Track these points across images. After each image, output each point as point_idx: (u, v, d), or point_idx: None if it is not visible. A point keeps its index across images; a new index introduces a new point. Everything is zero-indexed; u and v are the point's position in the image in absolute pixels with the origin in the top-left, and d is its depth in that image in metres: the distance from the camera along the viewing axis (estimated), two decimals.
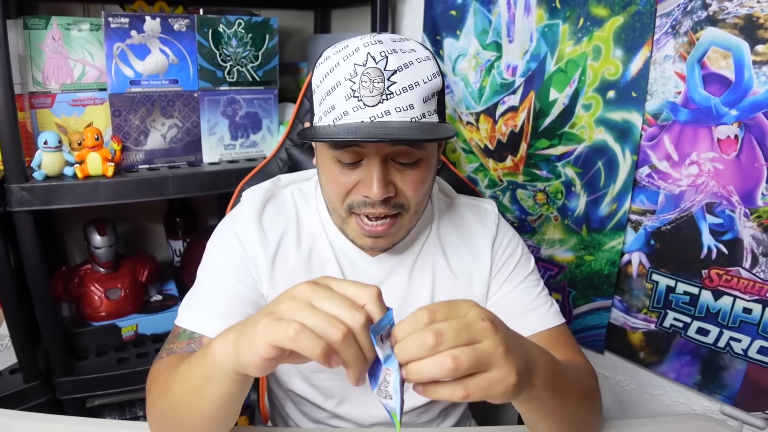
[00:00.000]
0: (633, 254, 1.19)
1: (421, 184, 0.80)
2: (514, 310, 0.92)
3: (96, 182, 1.20)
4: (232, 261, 0.87)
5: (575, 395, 0.75)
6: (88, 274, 1.43)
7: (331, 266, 0.90)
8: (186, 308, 0.85)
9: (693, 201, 1.07)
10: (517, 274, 0.95)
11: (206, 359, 0.64)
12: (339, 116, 0.74)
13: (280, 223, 0.90)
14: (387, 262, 0.91)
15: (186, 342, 0.81)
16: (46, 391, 1.30)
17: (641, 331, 1.21)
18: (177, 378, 0.69)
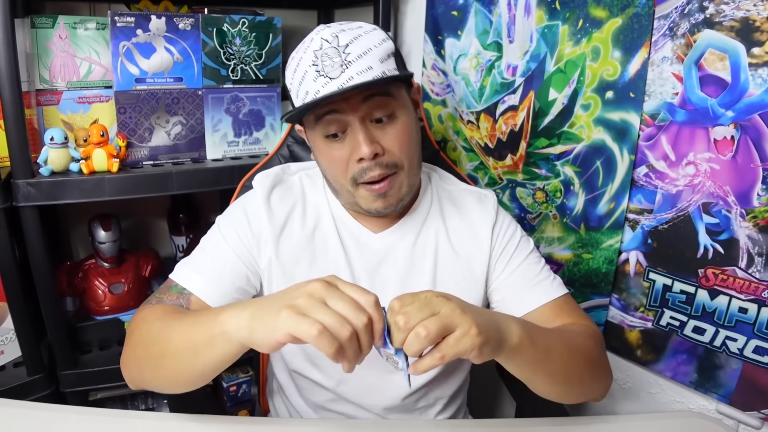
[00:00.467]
0: (630, 253, 1.20)
1: (402, 137, 0.89)
2: (520, 286, 0.99)
3: (101, 178, 1.22)
4: (236, 234, 0.94)
5: (563, 352, 0.83)
6: (92, 268, 1.45)
7: (333, 244, 0.97)
8: (183, 266, 0.94)
9: (690, 201, 1.08)
10: (518, 254, 1.01)
11: (214, 326, 0.71)
12: (313, 96, 0.84)
13: (288, 203, 0.98)
14: (389, 237, 0.98)
15: (176, 296, 0.90)
16: (50, 384, 1.31)
17: (638, 329, 1.22)
18: (176, 332, 0.77)
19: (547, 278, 1.00)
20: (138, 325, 0.86)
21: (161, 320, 0.82)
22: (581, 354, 0.87)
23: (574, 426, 0.92)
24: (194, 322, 0.76)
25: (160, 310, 0.85)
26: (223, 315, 0.71)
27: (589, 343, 0.90)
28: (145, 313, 0.87)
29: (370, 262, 0.97)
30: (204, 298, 0.90)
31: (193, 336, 0.75)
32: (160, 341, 0.79)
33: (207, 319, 0.74)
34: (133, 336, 0.86)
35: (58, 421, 0.84)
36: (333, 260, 0.96)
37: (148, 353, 0.81)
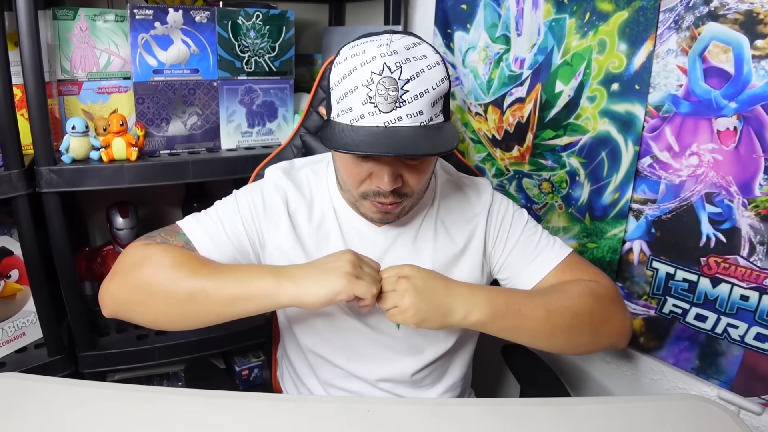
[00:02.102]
0: (634, 242, 1.22)
1: (424, 176, 0.91)
2: (524, 259, 1.03)
3: (120, 166, 1.25)
4: (249, 212, 0.97)
5: (541, 316, 0.90)
6: (110, 254, 1.49)
7: (335, 239, 1.00)
8: (193, 219, 0.97)
9: (693, 191, 1.10)
10: (514, 230, 1.04)
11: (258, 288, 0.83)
12: (356, 118, 0.82)
13: (297, 197, 1.00)
14: (391, 232, 1.01)
15: (182, 244, 0.93)
16: (69, 365, 1.35)
17: (641, 317, 1.24)
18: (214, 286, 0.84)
19: (547, 245, 1.03)
20: (144, 260, 0.88)
21: (184, 266, 0.85)
22: (568, 314, 0.91)
23: (576, 406, 0.94)
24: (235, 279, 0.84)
25: (176, 250, 0.89)
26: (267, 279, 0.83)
27: (581, 300, 0.94)
28: (155, 249, 0.89)
29: (374, 254, 0.98)
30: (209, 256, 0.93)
31: (234, 291, 0.83)
32: (186, 287, 0.84)
33: (248, 279, 0.84)
34: (138, 270, 0.87)
35: (80, 395, 0.87)
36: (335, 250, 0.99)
37: (165, 293, 0.85)
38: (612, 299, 0.98)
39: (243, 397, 0.90)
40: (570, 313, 0.91)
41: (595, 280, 0.99)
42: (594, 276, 1.00)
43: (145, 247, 0.90)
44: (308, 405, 0.90)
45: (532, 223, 1.06)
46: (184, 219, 0.98)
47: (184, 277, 0.84)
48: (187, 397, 0.89)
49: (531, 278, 1.01)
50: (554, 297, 0.93)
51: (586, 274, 1.00)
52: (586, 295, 0.94)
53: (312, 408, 0.89)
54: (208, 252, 0.93)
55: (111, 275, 0.91)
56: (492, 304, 0.88)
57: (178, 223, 0.97)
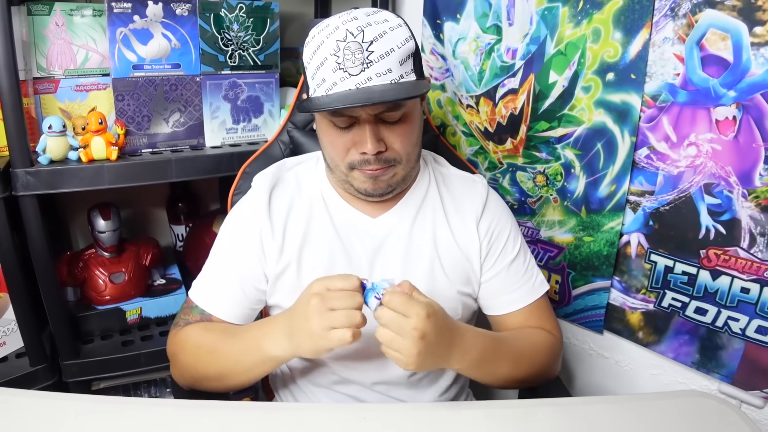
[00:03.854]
0: (632, 235, 1.20)
1: (407, 137, 0.91)
2: (506, 288, 1.05)
3: (100, 166, 1.21)
4: (242, 244, 0.98)
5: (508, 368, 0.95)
6: (92, 258, 1.44)
7: (327, 235, 0.99)
8: (199, 286, 1.01)
9: (691, 182, 1.08)
10: (507, 252, 1.05)
11: (260, 353, 0.87)
12: (330, 87, 0.85)
13: (286, 199, 1.00)
14: (388, 221, 1.00)
15: (199, 317, 0.99)
16: (53, 375, 1.31)
17: (640, 311, 1.22)
18: (226, 357, 0.91)
19: (529, 279, 1.06)
20: (182, 347, 0.97)
21: (206, 345, 0.94)
22: (527, 367, 0.98)
23: (575, 407, 0.92)
24: (242, 350, 0.90)
25: (194, 333, 0.96)
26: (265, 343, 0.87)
27: (540, 357, 1.01)
28: (181, 339, 0.97)
29: (370, 247, 0.99)
30: (225, 318, 0.99)
31: (244, 360, 0.90)
32: (214, 364, 0.92)
33: (252, 345, 0.89)
34: (177, 359, 0.97)
35: (62, 409, 0.84)
36: (329, 250, 0.98)
37: (200, 371, 0.95)
38: (559, 354, 1.07)
39: (235, 407, 0.87)
40: (527, 367, 0.98)
41: (553, 332, 1.06)
42: (552, 327, 1.06)
43: (175, 339, 0.99)
44: (303, 413, 0.87)
45: (524, 248, 1.08)
46: (192, 287, 1.02)
47: (207, 361, 0.93)
48: (176, 409, 0.85)
49: (503, 308, 1.06)
50: (525, 353, 0.98)
51: (547, 322, 1.06)
52: (547, 351, 1.02)
53: (307, 415, 0.86)
54: (225, 314, 0.99)
55: (171, 363, 1.02)
56: (483, 354, 0.90)
57: (189, 295, 1.02)
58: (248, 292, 0.99)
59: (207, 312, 0.98)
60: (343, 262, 0.98)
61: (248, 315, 1.01)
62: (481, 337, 0.91)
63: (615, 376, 1.33)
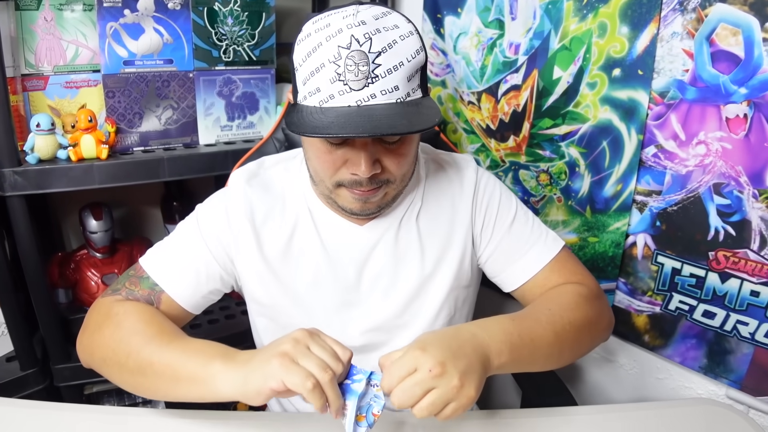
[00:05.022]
0: (638, 236, 1.17)
1: (404, 159, 0.82)
2: (514, 253, 0.96)
3: (90, 165, 1.17)
4: (214, 233, 0.90)
5: (551, 340, 0.81)
6: (84, 259, 1.41)
7: (313, 248, 0.92)
8: (156, 256, 0.91)
9: (700, 181, 1.04)
10: (503, 217, 0.96)
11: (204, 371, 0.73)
12: (325, 99, 0.75)
13: (267, 201, 0.93)
14: (375, 228, 0.93)
15: (147, 291, 0.88)
16: (44, 379, 1.28)
17: (646, 314, 1.19)
18: (157, 359, 0.77)
19: (538, 239, 0.96)
20: (107, 321, 0.84)
21: (140, 334, 0.80)
22: (572, 329, 0.85)
23: (581, 416, 0.89)
24: (180, 357, 0.76)
25: (134, 313, 0.84)
26: (214, 365, 0.73)
27: (579, 312, 0.87)
28: (121, 310, 0.85)
29: (358, 258, 0.92)
30: (177, 300, 0.89)
31: (178, 370, 0.75)
32: (136, 358, 0.78)
33: (195, 359, 0.75)
34: (100, 331, 0.84)
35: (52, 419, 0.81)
36: (314, 263, 0.92)
37: (117, 359, 0.80)
38: (600, 300, 0.94)
39: (229, 417, 0.83)
40: (573, 328, 0.85)
41: (583, 282, 0.94)
42: (581, 277, 0.95)
43: (108, 307, 0.86)
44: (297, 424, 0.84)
45: (522, 209, 0.99)
46: (146, 255, 0.92)
47: (135, 350, 0.79)
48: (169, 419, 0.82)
49: (519, 276, 0.95)
50: (557, 314, 0.85)
51: (574, 274, 0.95)
52: (583, 304, 0.89)
53: (302, 427, 0.82)
54: (178, 294, 0.89)
55: (81, 330, 0.88)
56: (509, 340, 0.77)
57: (140, 263, 0.91)
58: (210, 281, 0.90)
59: (159, 287, 0.87)
60: (329, 275, 0.92)
61: (200, 305, 0.92)
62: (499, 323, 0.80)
63: (620, 381, 1.30)
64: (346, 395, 0.69)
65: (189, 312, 0.91)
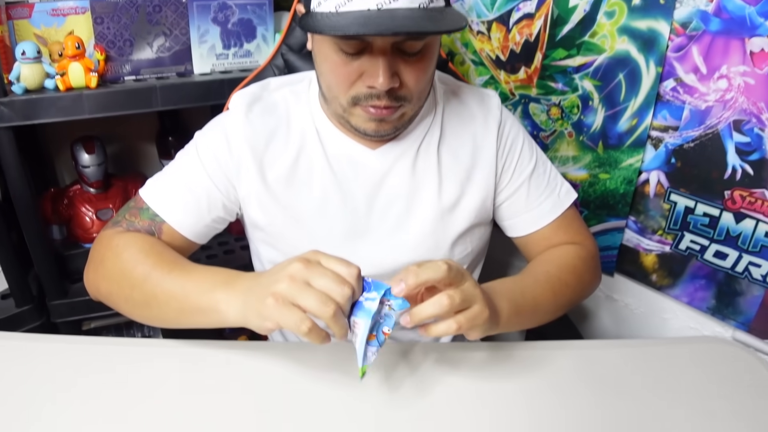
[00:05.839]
0: (651, 173, 1.13)
1: (424, 74, 0.78)
2: (528, 203, 0.95)
3: (79, 94, 1.11)
4: (214, 159, 0.86)
5: (550, 302, 0.85)
6: (78, 194, 1.37)
7: (320, 170, 0.88)
8: (156, 186, 0.88)
9: (720, 117, 1.00)
10: (523, 163, 0.94)
11: (208, 301, 0.71)
12: (342, 2, 0.69)
13: (270, 124, 0.88)
14: (389, 153, 0.88)
15: (148, 222, 0.85)
16: (40, 316, 1.26)
17: (655, 253, 1.16)
18: (161, 289, 0.75)
19: (552, 192, 0.95)
20: (108, 254, 0.82)
21: (142, 264, 0.78)
22: (569, 291, 0.89)
23: (585, 350, 0.87)
24: (183, 287, 0.74)
25: (134, 244, 0.81)
26: (216, 293, 0.71)
27: (576, 274, 0.91)
28: (122, 242, 0.82)
29: (369, 184, 0.88)
30: (178, 229, 0.86)
31: (182, 301, 0.74)
32: (141, 290, 0.77)
33: (197, 288, 0.73)
34: (103, 264, 0.83)
35: (47, 351, 0.79)
36: (321, 187, 0.87)
37: (123, 292, 0.80)
38: (596, 262, 0.97)
39: (229, 347, 0.81)
40: (570, 290, 0.89)
41: (584, 243, 0.96)
42: (583, 238, 0.97)
43: (109, 240, 0.84)
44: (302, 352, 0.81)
45: (542, 159, 0.97)
46: (146, 185, 0.88)
47: (139, 282, 0.77)
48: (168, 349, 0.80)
49: (528, 226, 0.96)
50: (555, 276, 0.88)
51: (578, 234, 0.97)
52: (581, 266, 0.92)
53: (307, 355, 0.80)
54: (179, 224, 0.86)
55: (87, 265, 0.87)
56: (514, 298, 0.79)
57: (140, 194, 0.88)
58: (213, 209, 0.87)
59: (159, 218, 0.85)
60: (336, 201, 0.87)
61: (204, 234, 0.89)
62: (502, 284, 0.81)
63: (624, 320, 1.29)
64: (358, 313, 0.64)
65: (193, 242, 0.88)
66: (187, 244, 0.88)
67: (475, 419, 0.71)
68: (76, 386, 0.72)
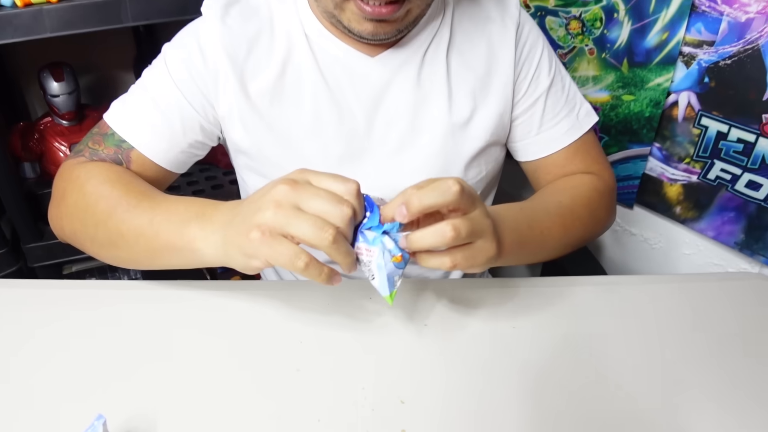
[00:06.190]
0: (681, 94, 1.02)
1: None
2: (544, 123, 0.85)
3: (39, 9, 0.98)
4: (187, 73, 0.75)
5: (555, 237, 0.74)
6: (49, 128, 1.25)
7: (310, 80, 0.76)
8: (122, 108, 0.77)
9: (762, 31, 0.88)
10: (541, 74, 0.83)
11: (181, 238, 0.62)
12: None
13: (250, 28, 0.76)
14: (391, 60, 0.77)
15: (113, 149, 0.75)
16: (16, 261, 1.18)
17: (680, 183, 1.07)
18: (128, 226, 0.66)
19: (571, 111, 0.85)
20: (69, 188, 0.73)
21: (106, 198, 0.68)
22: (581, 226, 0.79)
23: (609, 286, 0.80)
24: (151, 222, 0.64)
25: (98, 175, 0.71)
26: (190, 228, 0.61)
27: (590, 209, 0.81)
28: (83, 173, 0.72)
29: (368, 97, 0.77)
30: (149, 156, 0.75)
31: (152, 239, 0.64)
32: (105, 227, 0.68)
33: (168, 223, 0.63)
34: (64, 200, 0.73)
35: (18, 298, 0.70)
36: (312, 102, 0.76)
37: (87, 231, 0.70)
38: (612, 197, 0.88)
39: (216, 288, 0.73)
40: (582, 225, 0.79)
41: (601, 174, 0.86)
42: (600, 168, 0.87)
43: (70, 172, 0.74)
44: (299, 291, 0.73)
45: (561, 72, 0.86)
46: (111, 108, 0.77)
47: (103, 219, 0.67)
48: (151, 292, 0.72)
49: (540, 149, 0.86)
50: (568, 209, 0.78)
51: (595, 162, 0.87)
52: (596, 200, 0.82)
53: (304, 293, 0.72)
54: (150, 149, 0.75)
55: (50, 203, 0.78)
56: (518, 229, 0.68)
57: (104, 118, 0.77)
58: (188, 131, 0.76)
59: (126, 143, 0.74)
60: (331, 117, 0.76)
61: (181, 161, 0.78)
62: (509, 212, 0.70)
63: (642, 255, 1.21)
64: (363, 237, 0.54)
65: (168, 170, 0.78)
66: (161, 174, 0.78)
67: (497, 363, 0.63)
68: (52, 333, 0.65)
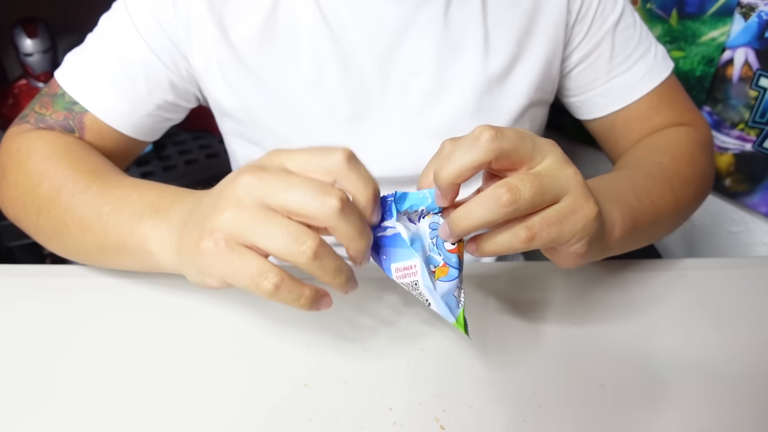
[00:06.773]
0: (737, 50, 0.90)
1: None
2: (616, 66, 0.68)
3: None
4: (152, 16, 0.60)
5: (668, 207, 0.58)
6: (24, 91, 1.14)
7: (308, 28, 0.61)
8: (75, 63, 0.63)
9: None
10: (605, 8, 0.67)
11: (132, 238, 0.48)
12: None
13: None
14: (407, 2, 0.61)
15: (63, 113, 0.61)
16: None
17: (732, 152, 0.95)
18: (72, 217, 0.52)
19: (647, 52, 0.69)
20: (9, 163, 0.59)
21: (50, 179, 0.54)
22: (691, 190, 0.62)
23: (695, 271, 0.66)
24: (99, 213, 0.50)
25: (41, 148, 0.58)
26: (143, 225, 0.47)
27: (696, 168, 0.64)
28: (19, 145, 0.59)
29: (381, 44, 0.62)
30: (107, 120, 0.62)
31: (100, 234, 0.50)
32: (47, 215, 0.54)
33: (118, 216, 0.49)
34: (5, 179, 0.59)
35: None
36: (311, 50, 0.61)
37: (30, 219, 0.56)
38: (712, 150, 0.72)
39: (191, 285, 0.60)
40: (692, 190, 0.62)
41: (696, 124, 0.71)
42: (693, 116, 0.72)
43: (10, 143, 0.60)
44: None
45: (629, 7, 0.69)
46: (63, 63, 0.63)
47: (45, 205, 0.53)
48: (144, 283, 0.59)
49: (613, 101, 0.70)
50: (673, 169, 0.61)
51: (686, 111, 0.71)
52: (699, 156, 0.66)
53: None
54: (107, 113, 0.61)
55: None
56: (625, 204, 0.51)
57: (55, 76, 0.64)
58: (155, 89, 0.62)
59: (79, 105, 0.61)
60: (335, 69, 0.62)
61: (149, 127, 0.65)
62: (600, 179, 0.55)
63: (683, 233, 1.09)
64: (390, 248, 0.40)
65: (131, 138, 0.64)
66: (123, 143, 0.64)
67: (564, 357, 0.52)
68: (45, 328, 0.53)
